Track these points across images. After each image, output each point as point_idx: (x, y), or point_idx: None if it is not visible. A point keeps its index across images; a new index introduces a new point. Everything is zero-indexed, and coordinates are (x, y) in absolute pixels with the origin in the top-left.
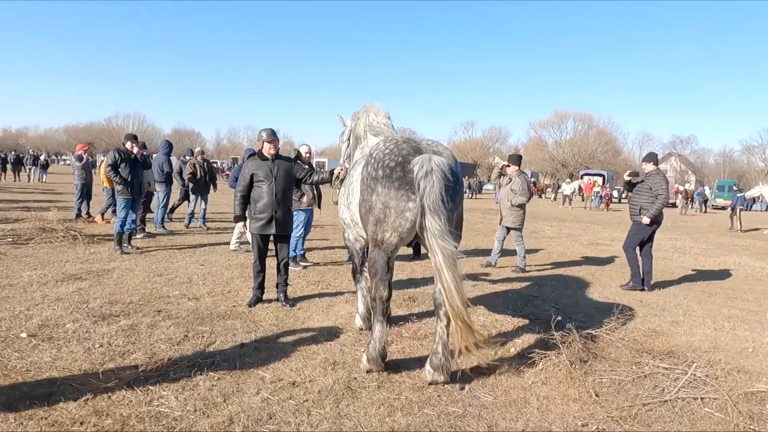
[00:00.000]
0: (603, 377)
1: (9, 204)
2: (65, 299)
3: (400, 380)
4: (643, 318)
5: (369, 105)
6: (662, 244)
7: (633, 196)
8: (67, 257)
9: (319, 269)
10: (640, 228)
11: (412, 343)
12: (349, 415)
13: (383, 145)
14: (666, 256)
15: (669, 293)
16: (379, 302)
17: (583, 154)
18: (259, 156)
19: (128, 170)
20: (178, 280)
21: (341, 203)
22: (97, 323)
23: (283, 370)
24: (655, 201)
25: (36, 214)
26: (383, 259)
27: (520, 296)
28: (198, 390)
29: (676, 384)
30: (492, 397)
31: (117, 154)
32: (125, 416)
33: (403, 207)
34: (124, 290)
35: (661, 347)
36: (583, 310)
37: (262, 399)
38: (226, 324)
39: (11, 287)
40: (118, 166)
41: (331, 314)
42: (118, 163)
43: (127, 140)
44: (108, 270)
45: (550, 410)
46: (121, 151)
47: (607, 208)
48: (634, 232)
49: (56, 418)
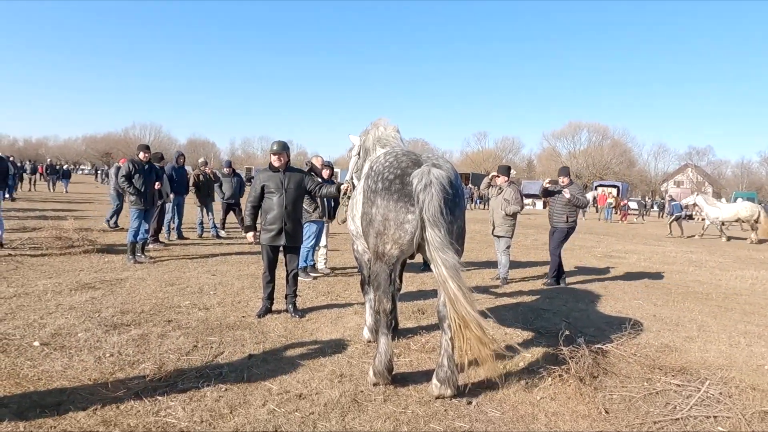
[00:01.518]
0: (613, 393)
1: (26, 213)
2: (78, 308)
3: (407, 394)
4: (656, 333)
5: (378, 120)
6: (677, 257)
7: (553, 204)
8: (82, 266)
9: (328, 280)
10: (564, 233)
11: (420, 356)
12: (355, 428)
13: (383, 158)
14: (681, 270)
15: (683, 308)
16: (383, 315)
17: (598, 166)
18: (270, 168)
19: (141, 181)
20: (189, 289)
21: (348, 215)
22: (109, 332)
23: (290, 382)
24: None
25: (53, 223)
26: (385, 272)
27: (531, 309)
28: (205, 401)
29: (688, 402)
30: (499, 413)
31: (131, 165)
32: (133, 426)
33: (402, 219)
34: (136, 300)
35: (674, 363)
36: (594, 324)
37: (268, 411)
38: (235, 334)
39: (26, 296)
40: (132, 176)
41: (340, 326)
42: (131, 174)
43: (139, 151)
44: (121, 279)
45: (559, 427)
46: (135, 161)
47: (624, 219)
48: (563, 238)
49: (65, 428)
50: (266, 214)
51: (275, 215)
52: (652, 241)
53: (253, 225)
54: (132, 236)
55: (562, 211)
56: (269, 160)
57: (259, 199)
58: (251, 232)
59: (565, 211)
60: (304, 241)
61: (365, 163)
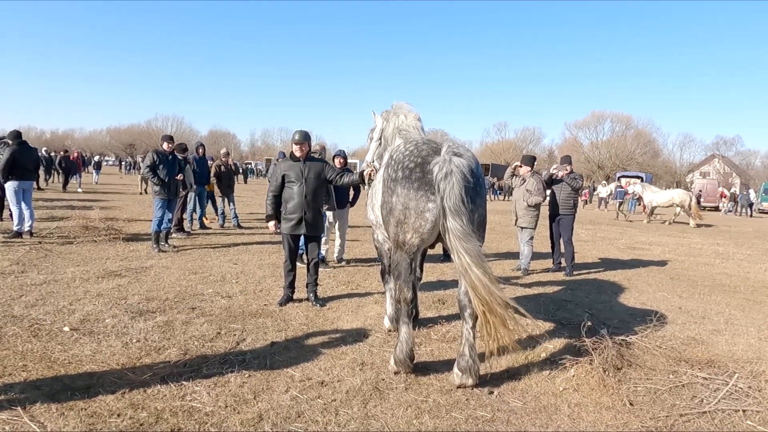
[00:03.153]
0: (638, 386)
1: (54, 203)
2: (105, 295)
3: (428, 382)
4: (682, 326)
5: (399, 105)
6: (704, 249)
7: (559, 193)
8: (108, 254)
9: (348, 270)
10: (573, 220)
11: (441, 346)
12: (377, 416)
13: (403, 146)
14: (708, 262)
15: (710, 300)
16: (404, 304)
17: (621, 156)
18: (291, 157)
19: (165, 171)
20: (212, 278)
21: (367, 205)
22: (135, 319)
23: (312, 370)
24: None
25: (80, 213)
26: (406, 261)
27: (552, 300)
28: (229, 386)
29: (716, 395)
30: (521, 403)
31: (155, 155)
32: (159, 410)
33: (423, 207)
34: (161, 287)
35: (701, 356)
36: (617, 316)
37: (291, 397)
38: (257, 322)
39: (56, 282)
40: (157, 167)
41: (360, 315)
42: (156, 164)
43: (163, 141)
44: (146, 267)
45: (582, 418)
46: (159, 152)
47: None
48: (569, 225)
49: (95, 410)
50: (287, 203)
51: (296, 204)
52: (677, 233)
53: (275, 214)
54: (156, 225)
55: (569, 197)
56: (290, 149)
57: (280, 188)
58: (273, 221)
59: (571, 197)
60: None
61: (385, 153)
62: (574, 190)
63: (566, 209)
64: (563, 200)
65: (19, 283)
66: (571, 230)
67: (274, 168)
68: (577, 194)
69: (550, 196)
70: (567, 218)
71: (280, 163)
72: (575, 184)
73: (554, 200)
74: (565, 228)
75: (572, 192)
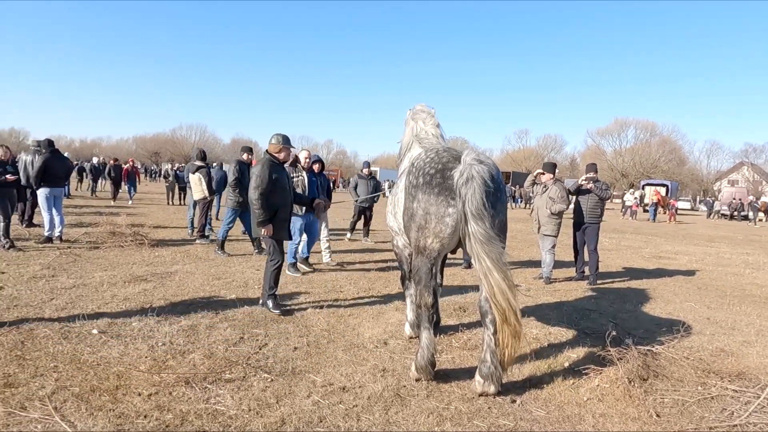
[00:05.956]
0: (665, 397)
1: (82, 209)
2: (132, 299)
3: (450, 390)
4: (710, 337)
5: (418, 109)
6: (733, 259)
7: (587, 202)
8: (134, 260)
9: (369, 276)
10: (598, 228)
11: (462, 353)
12: (398, 422)
13: (424, 154)
14: (737, 272)
15: (740, 311)
16: (425, 309)
17: (645, 164)
18: (278, 160)
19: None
20: (235, 284)
21: (388, 212)
22: (160, 323)
23: (334, 375)
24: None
25: (107, 219)
26: (426, 266)
27: (575, 309)
28: (252, 390)
29: (746, 408)
30: (545, 412)
31: (239, 166)
32: (185, 412)
33: (443, 212)
34: (185, 292)
35: (730, 368)
36: (643, 326)
37: (313, 402)
38: (279, 327)
39: (84, 287)
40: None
41: (381, 321)
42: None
43: (243, 152)
44: (171, 273)
45: (607, 429)
46: (242, 162)
47: (673, 219)
48: (595, 234)
49: (122, 411)
50: (275, 208)
51: (286, 210)
52: (704, 242)
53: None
54: (222, 234)
55: (596, 206)
56: (273, 150)
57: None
58: (269, 225)
59: (598, 206)
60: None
61: (404, 159)
62: (602, 199)
63: (593, 218)
64: (590, 209)
65: (50, 286)
66: (596, 239)
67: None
68: (603, 203)
69: (575, 205)
70: (593, 227)
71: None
72: (605, 194)
73: (579, 209)
74: (590, 237)
75: (599, 201)
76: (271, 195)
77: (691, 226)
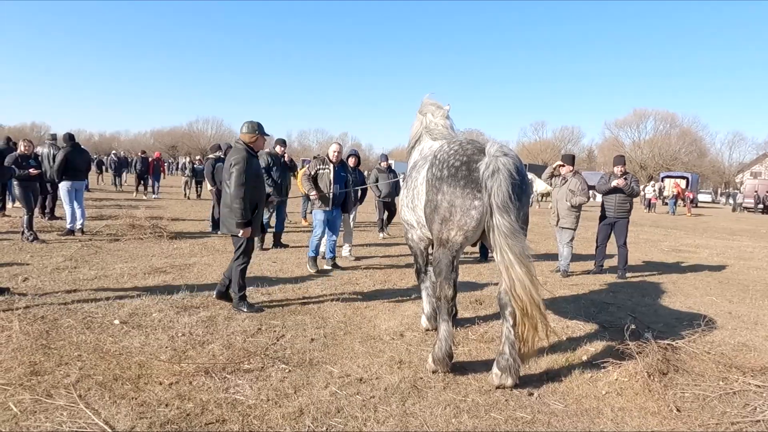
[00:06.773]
0: (685, 391)
1: (102, 202)
2: (152, 290)
3: (467, 382)
4: (732, 331)
5: (427, 102)
6: (755, 252)
7: (616, 197)
8: (154, 252)
9: (385, 269)
10: (626, 224)
11: (479, 346)
12: (415, 413)
13: (447, 146)
14: (760, 266)
15: (763, 306)
16: (444, 301)
17: (664, 156)
18: (254, 151)
19: (279, 173)
20: (252, 275)
21: (405, 205)
22: (180, 314)
23: (351, 366)
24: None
25: (127, 212)
26: (448, 258)
27: (593, 303)
28: (270, 381)
29: None
30: (563, 405)
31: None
32: (204, 401)
33: (469, 205)
34: (204, 284)
35: (753, 363)
36: (662, 320)
37: (330, 393)
38: (296, 319)
39: (106, 278)
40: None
41: (397, 313)
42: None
43: (276, 144)
44: (189, 264)
45: (626, 422)
46: (272, 154)
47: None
48: (624, 228)
49: (144, 399)
50: (254, 205)
51: (262, 204)
52: (726, 235)
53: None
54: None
55: (624, 201)
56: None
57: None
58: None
59: (627, 201)
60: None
61: (413, 151)
62: (632, 195)
63: (622, 212)
64: (619, 204)
65: (72, 277)
66: (626, 234)
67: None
68: (632, 198)
69: (603, 200)
70: (622, 221)
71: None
72: (633, 192)
73: (608, 204)
74: (620, 232)
75: (628, 196)
76: (252, 190)
77: (711, 219)
